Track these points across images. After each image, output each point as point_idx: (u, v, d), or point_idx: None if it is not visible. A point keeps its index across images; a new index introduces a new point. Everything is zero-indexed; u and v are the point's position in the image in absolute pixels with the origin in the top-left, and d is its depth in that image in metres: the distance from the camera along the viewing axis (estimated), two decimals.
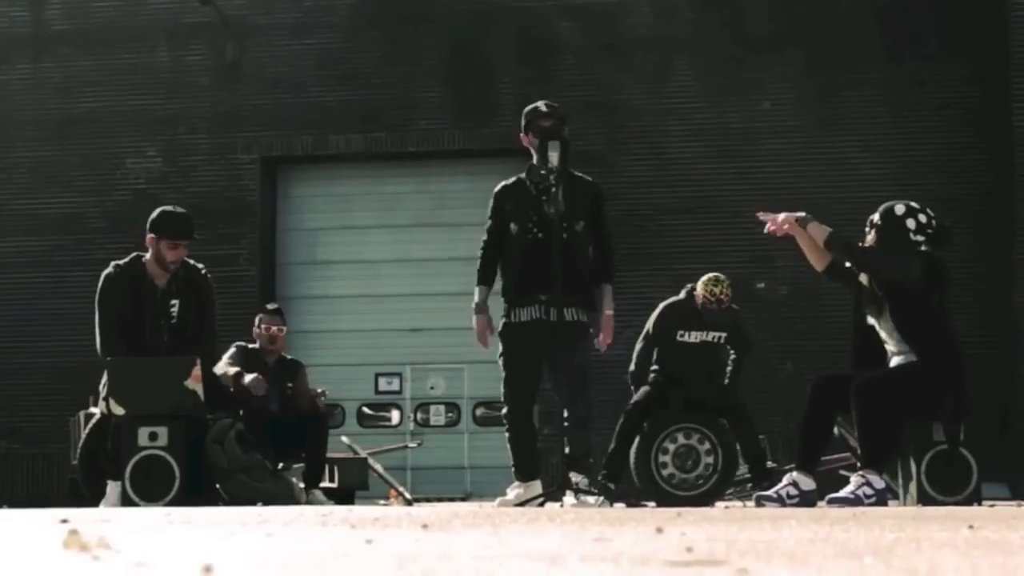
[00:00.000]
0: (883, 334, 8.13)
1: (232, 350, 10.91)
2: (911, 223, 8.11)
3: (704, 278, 10.27)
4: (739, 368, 10.31)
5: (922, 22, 17.12)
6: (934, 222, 8.16)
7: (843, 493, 7.83)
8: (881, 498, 7.83)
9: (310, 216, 18.61)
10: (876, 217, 8.24)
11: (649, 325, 10.33)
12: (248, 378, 10.38)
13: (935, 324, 8.03)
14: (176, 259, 9.15)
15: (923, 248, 8.12)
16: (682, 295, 10.34)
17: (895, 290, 8.02)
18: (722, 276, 10.29)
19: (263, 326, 11.01)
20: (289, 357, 11.32)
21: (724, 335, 10.19)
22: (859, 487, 7.80)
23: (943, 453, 8.26)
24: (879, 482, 7.87)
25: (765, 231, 8.28)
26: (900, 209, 8.18)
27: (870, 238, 8.25)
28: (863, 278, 8.18)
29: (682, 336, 10.15)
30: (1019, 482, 13.96)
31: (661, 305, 10.36)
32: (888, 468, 8.23)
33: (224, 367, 10.48)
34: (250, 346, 11.03)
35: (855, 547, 3.26)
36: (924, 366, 7.95)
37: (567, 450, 8.32)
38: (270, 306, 11.50)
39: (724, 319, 10.21)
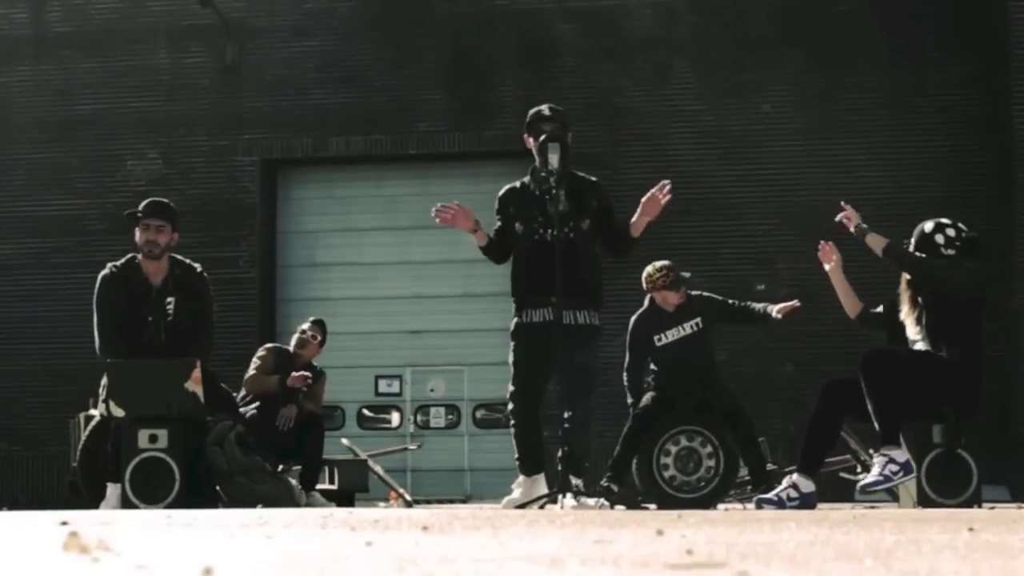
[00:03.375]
0: (913, 331, 8.13)
1: (263, 353, 11.59)
2: (940, 238, 8.16)
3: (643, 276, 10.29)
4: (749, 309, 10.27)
5: (922, 24, 17.12)
6: (963, 234, 8.18)
7: (871, 478, 7.79)
8: (907, 471, 7.77)
9: (310, 218, 18.61)
10: (911, 240, 8.28)
11: (627, 343, 10.36)
12: (291, 377, 11.16)
13: (969, 334, 8.04)
14: (148, 242, 9.06)
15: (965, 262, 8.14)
16: (646, 304, 10.37)
17: (937, 298, 8.02)
18: (656, 265, 10.27)
19: (305, 330, 11.71)
20: (318, 366, 11.81)
21: (698, 319, 10.18)
22: (884, 466, 7.76)
23: (943, 455, 8.26)
24: (901, 455, 7.82)
25: (837, 219, 8.37)
26: (928, 226, 8.24)
27: None
28: (903, 281, 8.18)
29: (660, 340, 10.16)
30: (1019, 484, 13.95)
31: (631, 321, 10.38)
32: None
33: (258, 371, 11.27)
34: (283, 347, 11.85)
35: (855, 549, 3.26)
36: (948, 361, 7.95)
37: (564, 450, 8.31)
38: (314, 318, 12.13)
39: (689, 308, 10.21)
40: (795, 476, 8.04)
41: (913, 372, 7.94)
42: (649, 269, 10.21)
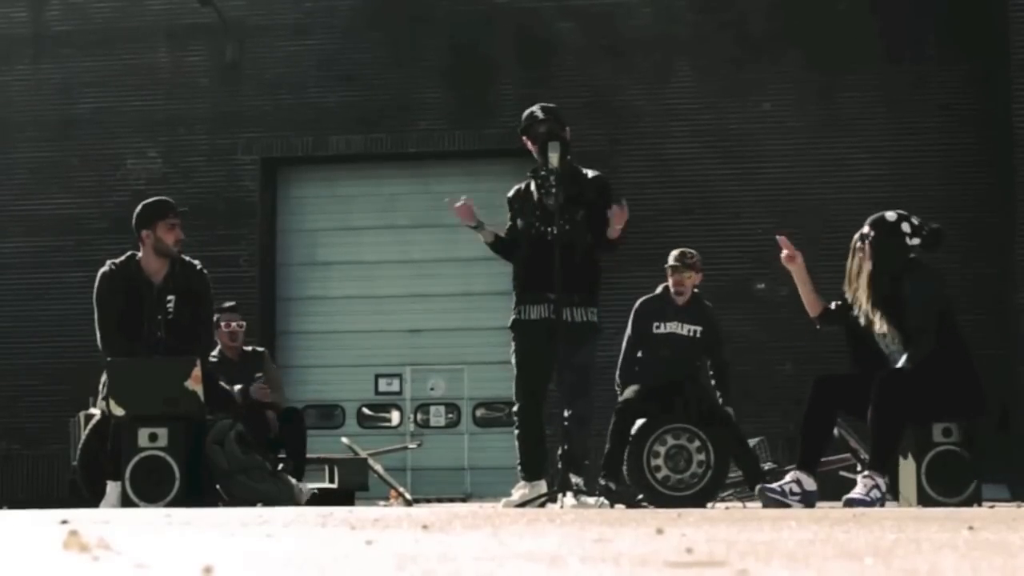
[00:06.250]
0: (888, 339, 8.09)
1: None
2: (905, 227, 8.06)
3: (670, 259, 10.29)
4: (724, 378, 10.25)
5: (922, 23, 17.12)
6: (926, 225, 8.14)
7: (856, 494, 7.79)
8: (883, 501, 7.82)
9: (310, 217, 18.61)
10: (866, 229, 8.14)
11: (629, 325, 10.34)
12: (252, 388, 10.57)
13: (949, 340, 8.03)
14: (178, 240, 9.10)
15: (916, 252, 8.10)
16: (658, 290, 10.36)
17: (905, 313, 8.00)
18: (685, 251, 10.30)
19: (223, 324, 11.01)
20: (249, 348, 11.32)
21: (699, 329, 10.16)
22: (871, 489, 7.76)
23: (944, 454, 8.26)
24: (884, 484, 7.86)
25: (783, 255, 8.36)
26: (892, 216, 8.11)
27: (863, 254, 8.12)
28: (863, 281, 8.13)
29: (658, 328, 10.16)
30: (1019, 483, 13.95)
31: (636, 303, 10.39)
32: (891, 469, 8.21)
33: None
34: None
35: (855, 548, 3.26)
36: (936, 366, 7.94)
37: (564, 448, 8.33)
38: (227, 304, 11.35)
39: (697, 312, 10.20)
40: (798, 473, 8.03)
41: (924, 395, 7.93)
42: (676, 252, 10.21)
